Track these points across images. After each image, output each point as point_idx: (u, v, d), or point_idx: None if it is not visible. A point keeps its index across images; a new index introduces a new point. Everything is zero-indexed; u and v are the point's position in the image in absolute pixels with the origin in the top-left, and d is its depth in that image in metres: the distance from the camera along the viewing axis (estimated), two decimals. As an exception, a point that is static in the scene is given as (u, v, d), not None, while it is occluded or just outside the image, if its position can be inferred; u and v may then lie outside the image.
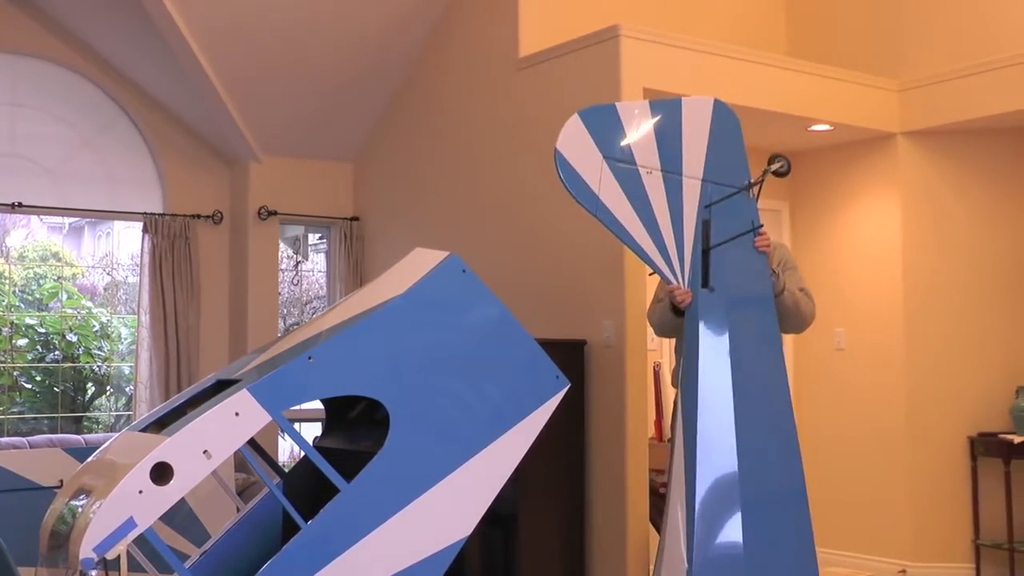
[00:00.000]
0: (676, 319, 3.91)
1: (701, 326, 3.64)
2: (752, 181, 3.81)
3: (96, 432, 8.23)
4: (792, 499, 3.69)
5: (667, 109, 3.77)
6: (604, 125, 3.65)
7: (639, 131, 3.69)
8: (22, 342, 8.70)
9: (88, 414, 9.12)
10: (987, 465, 6.03)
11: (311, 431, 6.49)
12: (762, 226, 3.81)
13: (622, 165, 3.61)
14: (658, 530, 4.12)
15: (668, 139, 3.72)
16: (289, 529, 2.97)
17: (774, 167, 3.78)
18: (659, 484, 4.84)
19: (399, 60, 6.72)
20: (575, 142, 3.59)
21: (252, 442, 2.86)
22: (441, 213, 6.51)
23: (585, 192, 3.56)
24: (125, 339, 9.17)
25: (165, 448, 2.49)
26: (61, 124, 6.78)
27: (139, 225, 6.88)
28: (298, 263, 8.36)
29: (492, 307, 3.03)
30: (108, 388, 9.32)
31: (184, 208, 6.97)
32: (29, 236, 9.95)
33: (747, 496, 3.55)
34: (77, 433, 7.44)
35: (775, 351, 3.83)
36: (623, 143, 3.65)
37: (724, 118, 3.87)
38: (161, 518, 2.50)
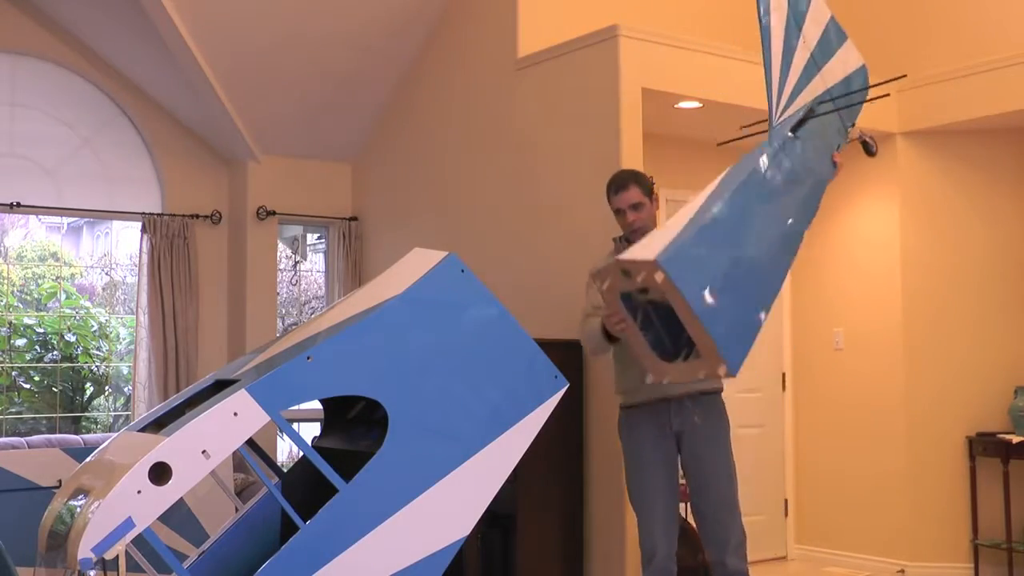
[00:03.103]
0: (606, 344, 3.95)
1: (767, 152, 3.68)
2: (868, 87, 4.11)
3: (94, 432, 8.23)
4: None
5: None
6: None
7: None
8: (20, 342, 8.71)
9: (86, 414, 9.12)
10: (986, 465, 6.04)
11: (310, 431, 6.49)
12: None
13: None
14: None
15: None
16: (288, 529, 2.97)
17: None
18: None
19: (398, 60, 6.72)
20: None
21: (251, 442, 2.86)
22: (440, 213, 6.51)
23: None
24: (124, 339, 9.18)
25: (163, 448, 2.48)
26: (60, 124, 6.78)
27: (138, 225, 6.87)
28: (297, 263, 8.36)
29: (491, 307, 3.03)
30: (107, 388, 9.32)
31: (183, 208, 6.97)
32: (28, 236, 9.95)
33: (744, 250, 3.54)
34: (75, 433, 7.44)
35: (801, 223, 3.84)
36: None
37: (838, 33, 4.14)
38: (160, 518, 2.50)
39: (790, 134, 3.81)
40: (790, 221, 3.73)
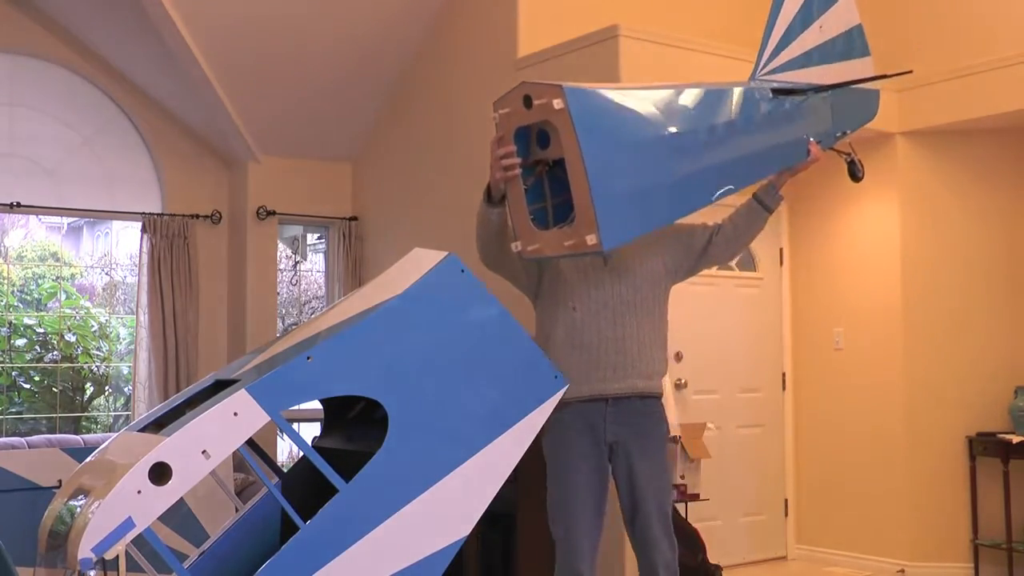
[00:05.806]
0: (487, 212, 3.59)
1: (738, 88, 3.65)
2: (880, 75, 4.00)
3: (95, 432, 8.23)
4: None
5: None
6: None
7: None
8: (21, 342, 8.70)
9: (87, 414, 9.11)
10: (986, 465, 6.04)
11: (310, 431, 6.49)
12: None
13: None
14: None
15: None
16: (288, 529, 2.97)
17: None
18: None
19: (398, 60, 6.72)
20: None
21: (251, 442, 2.86)
22: (440, 213, 6.51)
23: None
24: (124, 339, 9.17)
25: (164, 448, 2.48)
26: (60, 124, 6.78)
27: (138, 225, 6.88)
28: (297, 263, 8.36)
29: (491, 307, 3.03)
30: (107, 388, 9.32)
31: (183, 208, 6.97)
32: (28, 236, 9.95)
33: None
34: (76, 433, 7.44)
35: (733, 177, 3.70)
36: None
37: (861, 44, 4.06)
38: (160, 518, 2.50)
39: (770, 93, 3.72)
40: (725, 166, 3.55)
